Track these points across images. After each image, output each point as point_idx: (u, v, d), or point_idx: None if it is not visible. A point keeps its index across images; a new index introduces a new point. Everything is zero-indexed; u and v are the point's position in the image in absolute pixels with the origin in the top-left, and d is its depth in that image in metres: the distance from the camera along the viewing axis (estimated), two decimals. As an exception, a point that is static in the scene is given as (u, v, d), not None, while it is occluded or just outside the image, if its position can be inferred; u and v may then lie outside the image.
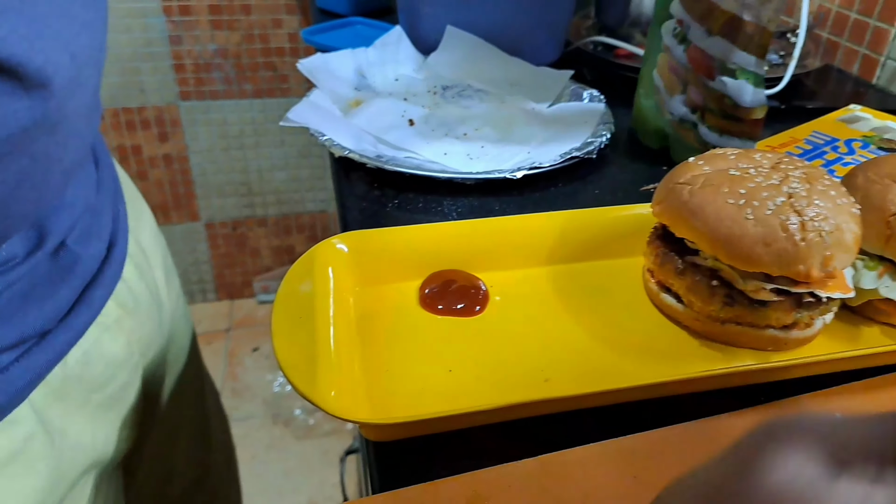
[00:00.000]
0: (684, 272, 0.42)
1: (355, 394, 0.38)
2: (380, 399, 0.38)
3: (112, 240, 0.45)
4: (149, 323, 0.51)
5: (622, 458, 0.36)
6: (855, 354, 0.40)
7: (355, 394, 0.38)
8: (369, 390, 0.38)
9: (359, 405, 0.37)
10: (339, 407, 0.35)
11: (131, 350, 0.47)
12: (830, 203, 0.40)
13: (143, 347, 0.50)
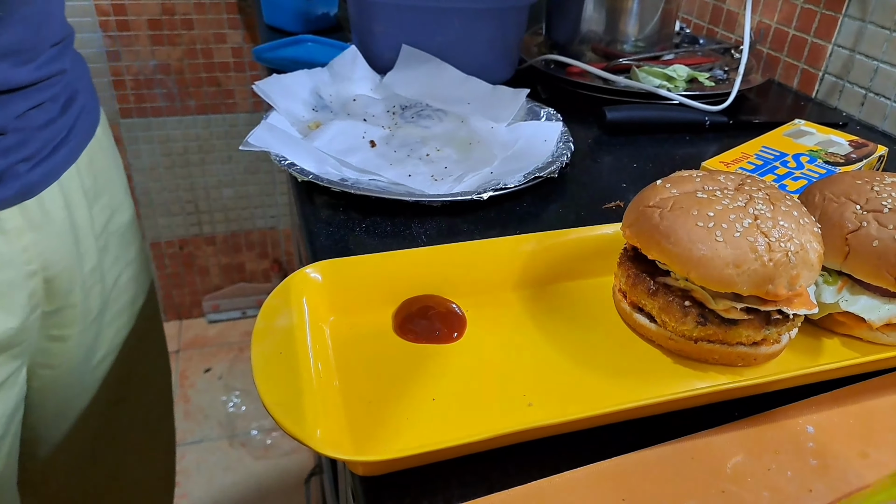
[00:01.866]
0: (657, 293, 0.43)
1: (340, 430, 0.37)
2: (364, 433, 0.38)
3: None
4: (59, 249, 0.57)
5: (610, 481, 0.36)
6: (823, 369, 0.41)
7: (340, 430, 0.37)
8: (352, 424, 0.38)
9: (344, 441, 0.36)
10: (327, 445, 0.34)
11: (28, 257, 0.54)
12: (794, 223, 0.41)
13: (45, 262, 0.56)
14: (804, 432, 0.40)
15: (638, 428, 0.39)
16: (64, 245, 0.58)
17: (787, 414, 0.41)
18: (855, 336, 0.47)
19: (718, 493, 0.36)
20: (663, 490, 0.36)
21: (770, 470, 0.38)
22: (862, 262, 0.44)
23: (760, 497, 0.36)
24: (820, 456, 0.39)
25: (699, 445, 0.39)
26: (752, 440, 0.39)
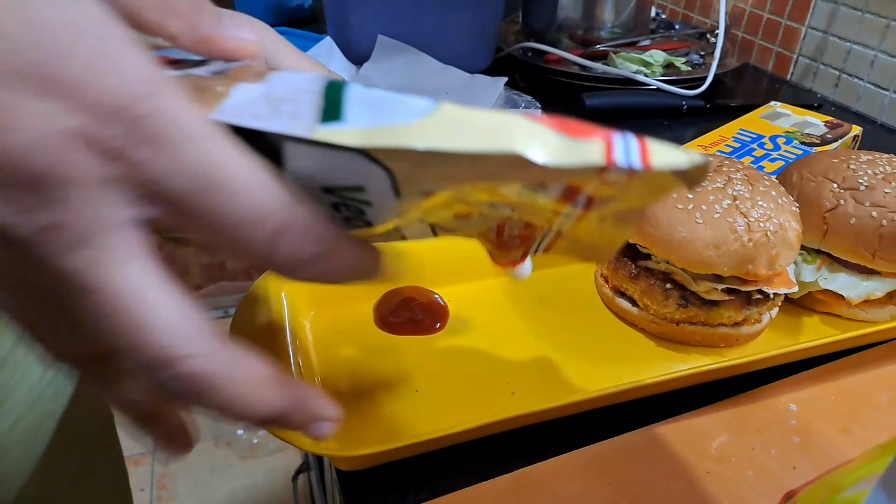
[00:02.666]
0: (638, 277, 0.43)
1: (323, 424, 0.37)
2: (347, 427, 0.37)
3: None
4: None
5: (596, 466, 0.36)
6: (804, 347, 0.41)
7: (323, 424, 0.37)
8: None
9: (328, 436, 0.36)
10: (310, 441, 0.34)
11: None
12: (773, 203, 0.41)
13: None
14: (787, 410, 0.40)
15: (623, 412, 0.39)
16: None
17: (769, 393, 0.41)
18: (835, 314, 0.47)
19: (704, 474, 0.36)
20: (649, 473, 0.36)
21: (754, 449, 0.38)
22: (840, 239, 0.44)
23: (745, 476, 0.36)
24: (803, 433, 0.39)
25: (684, 427, 0.39)
26: (736, 420, 0.39)
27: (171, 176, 0.17)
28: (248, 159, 0.18)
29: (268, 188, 0.18)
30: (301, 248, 0.19)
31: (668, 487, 0.35)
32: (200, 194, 0.17)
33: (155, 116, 0.16)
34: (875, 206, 0.43)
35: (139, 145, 0.16)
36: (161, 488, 1.39)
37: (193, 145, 0.17)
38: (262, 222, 0.18)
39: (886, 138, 0.78)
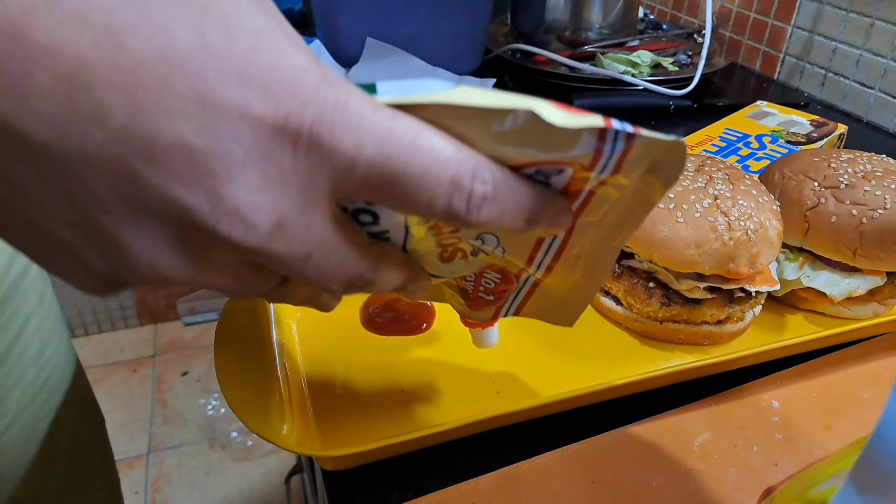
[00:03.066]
0: (622, 276, 0.44)
1: (307, 426, 0.37)
2: (333, 427, 0.37)
3: None
4: None
5: (579, 464, 0.37)
6: (787, 344, 0.42)
7: (307, 426, 0.37)
8: (321, 420, 0.38)
9: (312, 437, 0.36)
10: (294, 442, 0.34)
11: None
12: (753, 202, 0.42)
13: None
14: (769, 407, 0.41)
15: (607, 410, 0.40)
16: None
17: (752, 390, 0.42)
18: (818, 311, 0.47)
19: (686, 472, 0.37)
20: (632, 470, 0.37)
21: (737, 446, 0.38)
22: (821, 237, 0.45)
23: (728, 473, 0.37)
24: (785, 430, 0.39)
25: (667, 425, 0.39)
26: (719, 417, 0.40)
27: (362, 153, 0.18)
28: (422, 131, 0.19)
29: (441, 153, 0.19)
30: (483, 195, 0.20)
31: (651, 485, 0.36)
32: (392, 166, 0.18)
33: (336, 104, 0.17)
34: (855, 204, 0.44)
35: (333, 132, 0.17)
36: (155, 491, 1.39)
37: (374, 124, 0.18)
38: (447, 182, 0.19)
39: (872, 136, 0.78)
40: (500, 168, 0.20)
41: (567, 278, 0.30)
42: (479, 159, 0.20)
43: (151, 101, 0.15)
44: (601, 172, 0.22)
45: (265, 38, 0.17)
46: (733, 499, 0.35)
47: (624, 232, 0.26)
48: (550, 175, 0.22)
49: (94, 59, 0.14)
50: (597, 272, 0.29)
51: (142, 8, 0.15)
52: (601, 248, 0.28)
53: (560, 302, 0.32)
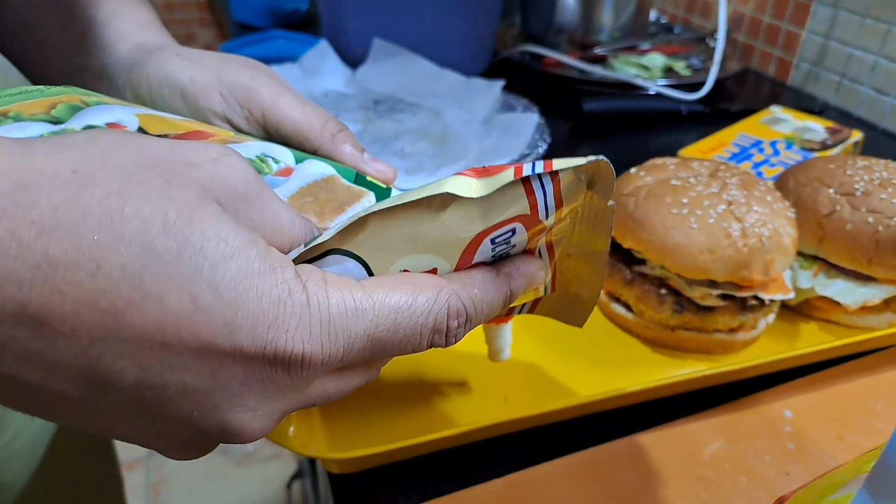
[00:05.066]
0: (633, 282, 0.43)
1: (312, 428, 0.36)
2: (339, 430, 0.37)
3: None
4: None
5: (587, 472, 0.36)
6: (800, 353, 0.41)
7: (312, 428, 0.36)
8: (327, 422, 0.37)
9: (317, 439, 0.36)
10: (300, 443, 0.34)
11: None
12: (768, 208, 0.41)
13: None
14: (782, 417, 0.40)
15: (616, 418, 0.39)
16: None
17: (764, 399, 0.41)
18: (831, 320, 0.47)
19: (697, 480, 0.36)
20: (641, 479, 0.36)
21: (748, 455, 0.37)
22: (836, 245, 0.44)
23: (738, 482, 0.36)
24: (797, 440, 0.39)
25: (677, 433, 0.39)
26: (731, 426, 0.39)
27: (353, 347, 0.21)
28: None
29: (418, 308, 0.22)
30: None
31: (660, 494, 0.35)
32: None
33: (320, 321, 0.20)
34: (871, 211, 0.43)
35: (319, 348, 0.20)
36: (155, 495, 1.38)
37: (358, 313, 0.21)
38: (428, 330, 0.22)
39: (888, 144, 0.77)
40: (467, 286, 0.23)
41: (568, 276, 0.30)
42: (450, 294, 0.22)
43: (156, 363, 0.18)
44: (547, 216, 0.23)
45: (246, 279, 0.19)
46: (745, 511, 0.34)
47: (601, 236, 0.27)
48: (509, 239, 0.24)
49: (102, 336, 0.17)
50: (591, 265, 0.29)
51: (137, 282, 0.17)
52: (586, 246, 0.28)
53: (570, 301, 0.32)
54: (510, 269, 0.25)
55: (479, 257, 0.24)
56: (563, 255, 0.29)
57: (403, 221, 0.22)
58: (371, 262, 0.22)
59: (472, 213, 0.22)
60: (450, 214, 0.22)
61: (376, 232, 0.22)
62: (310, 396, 0.22)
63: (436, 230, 0.22)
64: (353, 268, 0.22)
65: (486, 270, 0.24)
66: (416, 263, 0.23)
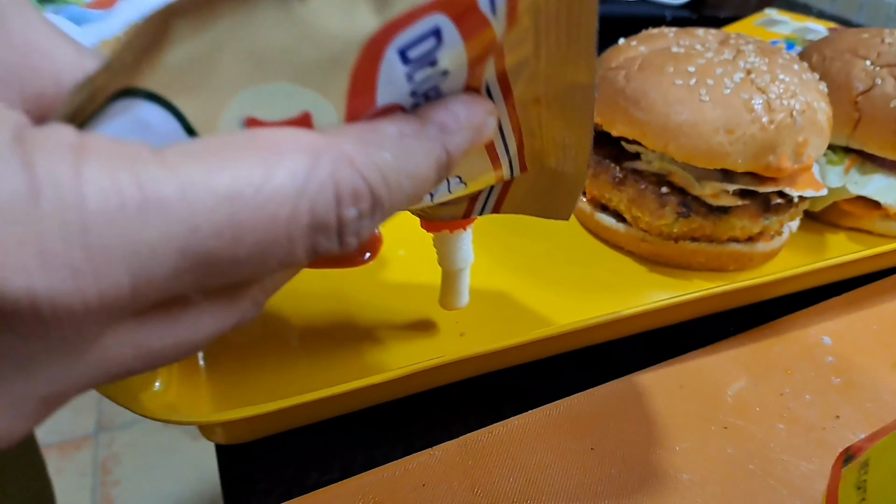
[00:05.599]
0: (624, 181, 0.33)
1: (194, 383, 0.26)
2: (236, 385, 0.27)
3: None
4: None
5: (573, 425, 0.27)
6: (835, 262, 0.32)
7: (194, 383, 0.26)
8: (217, 376, 0.27)
9: (199, 398, 0.26)
10: (163, 404, 0.23)
11: None
12: (796, 77, 0.31)
13: None
14: (819, 344, 0.31)
15: (607, 355, 0.30)
16: None
17: (795, 324, 0.32)
18: (863, 229, 0.38)
19: (720, 430, 0.27)
20: (645, 431, 0.27)
21: (783, 395, 0.28)
22: (876, 129, 0.35)
23: (775, 431, 0.27)
24: (843, 372, 0.30)
25: (689, 370, 0.29)
26: (757, 359, 0.30)
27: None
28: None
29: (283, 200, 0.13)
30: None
31: (673, 450, 0.26)
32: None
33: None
34: (924, 82, 0.34)
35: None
36: (105, 473, 1.28)
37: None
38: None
39: (893, 50, 0.69)
40: (369, 145, 0.13)
41: (542, 141, 0.20)
42: (336, 161, 0.13)
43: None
44: (493, 8, 0.14)
45: None
46: (788, 465, 0.25)
47: (581, 54, 0.17)
48: (433, 54, 0.14)
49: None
50: (573, 115, 0.19)
51: None
52: (561, 79, 0.18)
53: (549, 182, 0.22)
54: (441, 116, 0.15)
55: (387, 95, 0.14)
56: (529, 102, 0.19)
57: (232, 22, 0.12)
58: (185, 107, 0.13)
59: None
60: (314, 1, 0.12)
61: (188, 47, 0.12)
62: (103, 363, 0.13)
63: (293, 35, 0.13)
64: (154, 119, 0.13)
65: (402, 119, 0.15)
66: (267, 103, 0.13)
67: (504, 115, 0.18)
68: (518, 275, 0.33)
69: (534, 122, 0.19)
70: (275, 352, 0.28)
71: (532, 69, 0.17)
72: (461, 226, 0.26)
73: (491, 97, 0.18)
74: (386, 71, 0.14)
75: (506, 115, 0.18)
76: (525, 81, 0.18)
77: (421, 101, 0.15)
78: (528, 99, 0.18)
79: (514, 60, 0.17)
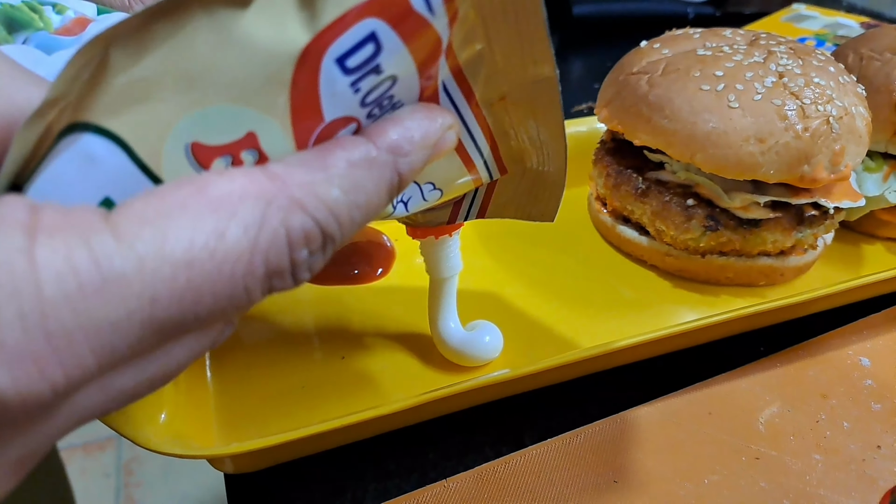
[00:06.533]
0: (647, 193, 0.32)
1: (200, 414, 0.25)
2: (244, 414, 0.26)
3: None
4: None
5: (594, 455, 0.25)
6: (874, 280, 0.30)
7: (200, 414, 0.25)
8: (224, 407, 0.26)
9: (206, 430, 0.25)
10: (169, 436, 0.22)
11: None
12: (832, 80, 0.30)
13: None
14: (857, 366, 0.29)
15: (631, 378, 0.28)
16: None
17: (830, 344, 0.30)
18: (903, 239, 0.36)
19: (752, 461, 0.25)
20: (672, 462, 0.25)
21: (819, 422, 0.27)
22: (919, 135, 0.33)
23: (811, 462, 0.25)
24: (883, 397, 0.28)
25: (718, 395, 0.28)
26: (790, 383, 0.28)
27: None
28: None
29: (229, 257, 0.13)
30: None
31: (702, 483, 0.24)
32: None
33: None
34: (969, 84, 0.31)
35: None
36: (128, 474, 1.29)
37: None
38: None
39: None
40: (319, 185, 0.13)
41: (518, 141, 0.19)
42: (286, 208, 0.13)
43: None
44: (427, 6, 0.13)
45: None
46: (824, 501, 0.24)
47: (535, 45, 0.16)
48: (374, 60, 0.13)
49: None
50: (541, 110, 0.18)
51: None
52: (521, 75, 0.17)
53: (531, 184, 0.21)
54: (394, 136, 0.15)
55: (335, 109, 0.14)
56: (494, 100, 0.18)
57: (167, 47, 0.12)
58: (129, 137, 0.12)
59: (281, 8, 0.12)
60: (241, 15, 0.12)
61: (127, 76, 0.12)
62: (74, 416, 0.13)
63: (227, 55, 0.12)
64: (101, 152, 0.12)
65: (352, 146, 0.14)
66: (210, 126, 0.13)
67: (469, 115, 0.18)
68: (536, 290, 0.32)
69: (505, 121, 0.19)
70: (282, 378, 0.27)
71: (490, 65, 0.17)
72: (447, 231, 0.25)
73: (452, 99, 0.17)
74: (326, 83, 0.13)
75: (471, 115, 0.18)
76: (485, 79, 0.17)
77: (375, 111, 0.14)
78: (494, 97, 0.18)
79: (468, 57, 0.16)
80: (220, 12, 0.12)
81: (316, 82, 0.13)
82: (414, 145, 0.15)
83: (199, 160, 0.13)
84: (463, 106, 0.17)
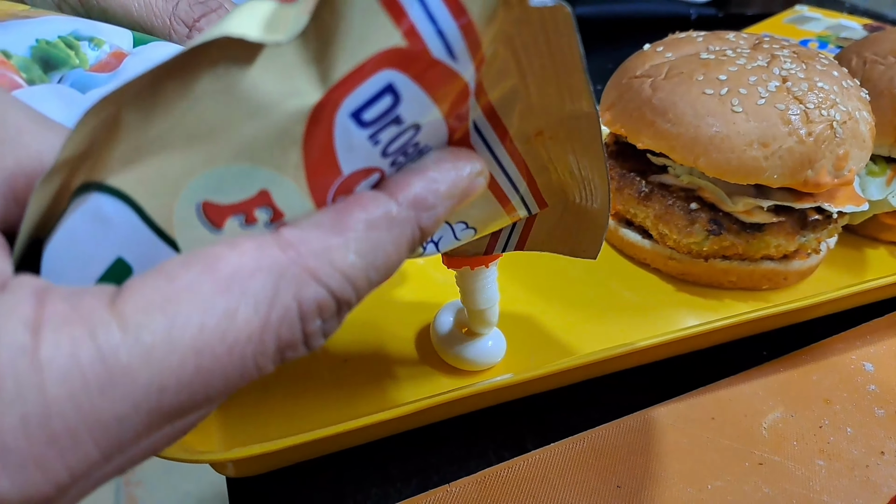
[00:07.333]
0: (650, 196, 0.32)
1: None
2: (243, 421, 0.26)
3: None
4: None
5: (597, 460, 0.25)
6: (878, 285, 0.30)
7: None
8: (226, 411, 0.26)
9: (208, 434, 0.25)
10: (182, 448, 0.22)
11: None
12: (836, 85, 0.30)
13: None
14: (861, 371, 0.29)
15: (633, 384, 0.28)
16: None
17: (834, 349, 0.30)
18: (907, 243, 0.36)
19: (755, 467, 0.25)
20: (675, 467, 0.25)
21: (822, 427, 0.27)
22: (923, 139, 0.33)
23: (815, 468, 0.25)
24: (887, 402, 0.28)
25: (721, 400, 0.28)
26: (793, 388, 0.28)
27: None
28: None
29: (242, 337, 0.13)
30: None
31: (705, 488, 0.24)
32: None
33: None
34: (974, 89, 0.31)
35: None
36: (129, 474, 1.29)
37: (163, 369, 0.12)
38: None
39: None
40: (334, 252, 0.13)
41: (559, 175, 0.19)
42: (298, 280, 0.12)
43: None
44: (451, 51, 0.12)
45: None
46: (828, 509, 0.24)
47: (572, 77, 0.15)
48: (394, 112, 0.13)
49: None
50: (580, 145, 0.17)
51: None
52: (558, 110, 0.16)
53: (574, 219, 0.20)
54: (417, 189, 0.14)
55: (354, 162, 0.13)
56: (530, 135, 0.17)
57: (177, 106, 0.12)
58: (141, 198, 0.12)
59: (289, 64, 0.12)
60: (249, 75, 0.11)
61: (139, 136, 0.12)
62: (73, 501, 0.12)
63: (236, 113, 0.12)
64: (112, 212, 0.12)
65: (371, 204, 0.13)
66: (221, 186, 0.12)
67: (503, 153, 0.17)
68: (537, 294, 0.32)
69: (543, 155, 0.18)
70: (284, 381, 0.27)
71: (524, 100, 0.16)
72: (483, 262, 0.24)
73: (484, 138, 0.16)
74: (342, 137, 0.12)
75: (504, 153, 0.17)
76: (520, 114, 0.16)
77: (400, 159, 0.14)
78: (530, 132, 0.17)
79: (500, 94, 0.15)
80: (227, 69, 0.11)
81: (331, 138, 0.12)
82: (439, 197, 0.14)
83: (212, 220, 0.13)
84: (496, 145, 0.17)
